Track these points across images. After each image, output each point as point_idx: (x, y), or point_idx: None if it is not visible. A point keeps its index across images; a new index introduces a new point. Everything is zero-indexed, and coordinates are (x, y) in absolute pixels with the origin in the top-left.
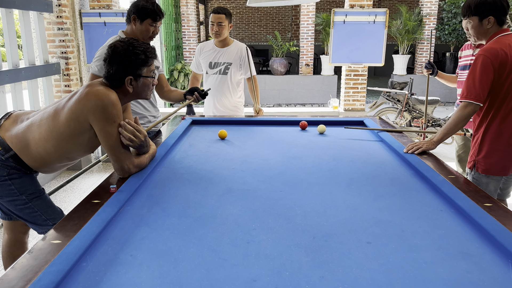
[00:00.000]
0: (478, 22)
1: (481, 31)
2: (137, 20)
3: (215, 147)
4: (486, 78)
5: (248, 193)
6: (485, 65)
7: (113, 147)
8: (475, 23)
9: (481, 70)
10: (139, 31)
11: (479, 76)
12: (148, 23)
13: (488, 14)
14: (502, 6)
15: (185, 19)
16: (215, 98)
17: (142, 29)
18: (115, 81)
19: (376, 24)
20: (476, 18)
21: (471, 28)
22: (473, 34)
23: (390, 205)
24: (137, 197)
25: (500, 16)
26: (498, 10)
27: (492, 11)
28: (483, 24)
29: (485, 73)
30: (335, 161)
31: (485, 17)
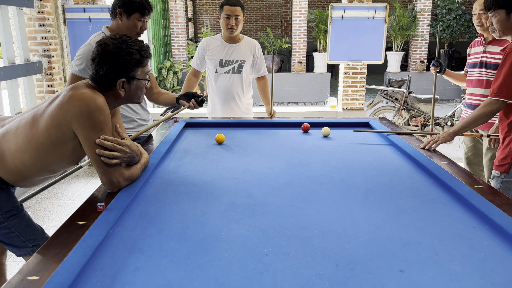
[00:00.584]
0: (506, 16)
1: (509, 25)
2: (124, 15)
3: (212, 153)
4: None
5: (254, 209)
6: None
7: (99, 158)
8: (502, 16)
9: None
10: (125, 27)
11: (509, 73)
12: (136, 18)
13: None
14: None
15: (174, 15)
16: (224, 100)
17: (129, 25)
18: (105, 83)
19: (375, 20)
20: (504, 11)
21: (497, 22)
22: (498, 29)
23: (416, 222)
24: (129, 215)
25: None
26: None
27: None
28: (511, 18)
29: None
30: (346, 169)
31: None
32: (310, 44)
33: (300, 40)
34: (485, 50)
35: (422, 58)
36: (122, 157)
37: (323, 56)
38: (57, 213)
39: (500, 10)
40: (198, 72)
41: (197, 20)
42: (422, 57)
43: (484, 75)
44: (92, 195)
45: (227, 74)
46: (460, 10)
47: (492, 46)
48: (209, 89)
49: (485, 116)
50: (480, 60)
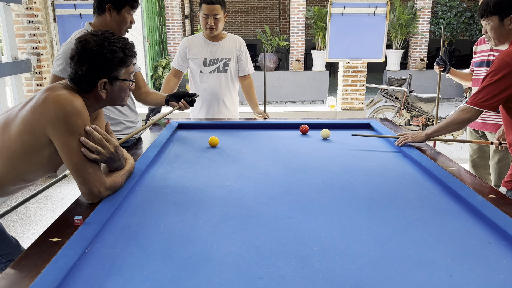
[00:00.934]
0: (499, 22)
1: (503, 32)
2: (113, 10)
3: (205, 157)
4: (501, 86)
5: (248, 221)
6: (503, 71)
7: (78, 166)
8: (495, 23)
9: (497, 76)
10: (115, 22)
11: (493, 82)
12: (126, 12)
13: (510, 12)
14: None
15: (169, 13)
16: (210, 102)
17: (120, 20)
18: (85, 84)
19: (376, 17)
20: (496, 17)
21: (491, 30)
22: (493, 37)
23: (426, 237)
24: (110, 229)
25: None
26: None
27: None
28: (505, 24)
29: (503, 81)
30: (347, 175)
31: (506, 16)
32: (308, 42)
33: (298, 37)
34: (492, 48)
35: (422, 56)
36: (104, 155)
37: (322, 54)
38: (45, 218)
39: (492, 17)
40: (179, 73)
41: (194, 18)
42: (422, 55)
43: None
44: (69, 208)
45: (213, 74)
46: (460, 7)
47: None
48: (193, 90)
49: (457, 123)
50: (487, 59)
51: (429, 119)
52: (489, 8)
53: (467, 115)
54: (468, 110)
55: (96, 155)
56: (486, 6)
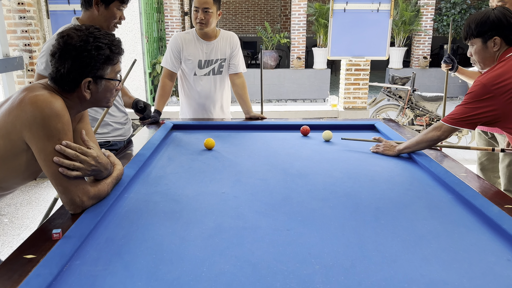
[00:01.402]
0: (482, 45)
1: (487, 55)
2: (101, 5)
3: (200, 160)
4: (477, 110)
5: (244, 234)
6: (481, 96)
7: (57, 174)
8: (479, 46)
9: (473, 99)
10: (103, 17)
11: (469, 104)
12: (115, 7)
13: (493, 34)
14: (509, 23)
15: (168, 9)
16: (204, 106)
17: (107, 15)
18: (67, 83)
19: (380, 13)
20: (479, 40)
21: (475, 53)
22: (478, 60)
23: (439, 253)
24: (92, 243)
25: (508, 35)
26: (504, 28)
27: (496, 30)
28: (489, 47)
29: (479, 105)
30: (351, 181)
31: (490, 38)
32: (309, 39)
33: (299, 35)
34: None
35: (425, 54)
36: (85, 170)
37: (323, 52)
38: (37, 221)
39: (475, 39)
40: (173, 74)
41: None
42: (425, 53)
43: None
44: (49, 219)
45: (207, 77)
46: (465, 4)
47: None
48: (184, 93)
49: (427, 141)
50: None
51: (433, 119)
52: (471, 30)
53: (437, 133)
54: (439, 127)
55: (77, 171)
56: (468, 28)
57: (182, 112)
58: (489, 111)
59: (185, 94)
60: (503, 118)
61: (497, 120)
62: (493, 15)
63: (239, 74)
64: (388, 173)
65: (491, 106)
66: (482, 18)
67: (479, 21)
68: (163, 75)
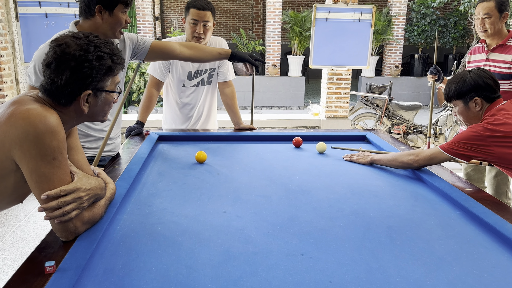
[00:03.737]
0: (464, 106)
1: (471, 115)
2: (105, 12)
3: (193, 175)
4: (472, 153)
5: (256, 260)
6: (475, 141)
7: (50, 197)
8: (461, 107)
9: (472, 140)
10: (109, 25)
11: (467, 142)
12: (119, 11)
13: (472, 95)
14: (486, 84)
15: (140, 13)
16: (192, 117)
17: (113, 21)
18: (64, 96)
19: (361, 23)
20: (461, 101)
21: (459, 114)
22: (463, 120)
23: (464, 277)
24: (89, 276)
25: (487, 94)
26: (482, 89)
27: (475, 92)
28: (470, 107)
29: (474, 149)
30: (356, 197)
31: (470, 100)
32: (284, 47)
33: (274, 42)
34: (488, 58)
35: (397, 63)
36: (80, 206)
37: (298, 59)
38: (5, 239)
39: (457, 101)
40: (160, 83)
41: (164, 19)
42: (397, 61)
43: None
44: (37, 249)
45: (196, 88)
46: (434, 15)
47: (495, 54)
48: (168, 103)
49: (400, 162)
50: None
51: (410, 127)
52: (452, 93)
53: (411, 159)
54: (417, 154)
55: (76, 209)
56: (449, 91)
57: (166, 122)
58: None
59: (169, 105)
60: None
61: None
62: (470, 77)
63: (228, 83)
64: (391, 188)
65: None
66: (460, 81)
67: (457, 85)
68: (149, 84)
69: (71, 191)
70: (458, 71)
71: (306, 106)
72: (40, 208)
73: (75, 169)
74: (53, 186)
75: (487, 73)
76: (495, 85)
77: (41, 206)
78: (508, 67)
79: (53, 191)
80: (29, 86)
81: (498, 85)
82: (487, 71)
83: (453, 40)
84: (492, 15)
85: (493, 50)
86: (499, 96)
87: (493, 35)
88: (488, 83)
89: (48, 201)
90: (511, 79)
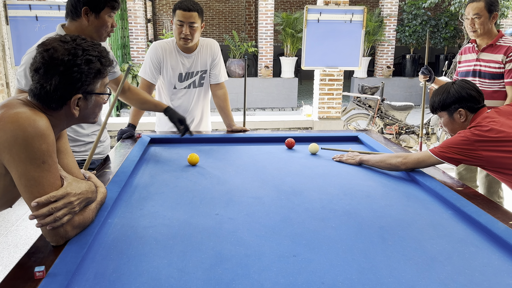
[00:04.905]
0: (449, 118)
1: (456, 126)
2: (91, 14)
3: (185, 178)
4: (460, 157)
5: (248, 263)
6: (464, 146)
7: None
8: (446, 118)
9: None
10: (94, 27)
11: (456, 147)
12: (106, 14)
13: (456, 107)
14: (470, 95)
15: (132, 16)
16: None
17: (99, 24)
18: (54, 101)
19: (352, 24)
20: (445, 113)
21: (445, 125)
22: (448, 130)
23: (456, 276)
24: (79, 280)
25: (471, 105)
26: (466, 100)
27: (459, 103)
28: (455, 119)
29: (463, 153)
30: (348, 198)
31: (454, 111)
32: (277, 48)
33: (266, 44)
34: (478, 58)
35: (389, 64)
36: (71, 210)
37: (291, 61)
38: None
39: (442, 113)
40: (151, 86)
41: (156, 21)
42: (389, 62)
43: (477, 85)
44: (27, 254)
45: (188, 90)
46: (425, 15)
47: (486, 54)
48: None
49: (388, 164)
50: (473, 69)
51: (402, 128)
52: (436, 104)
53: (399, 161)
54: (406, 157)
55: (68, 214)
56: (433, 103)
57: (159, 124)
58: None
59: None
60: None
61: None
62: (453, 89)
63: (220, 85)
64: (382, 188)
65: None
66: (443, 94)
67: (441, 96)
68: (140, 86)
69: (61, 197)
70: (450, 71)
71: (299, 107)
72: (31, 216)
73: (65, 173)
74: (43, 190)
75: (470, 84)
76: (479, 95)
77: (32, 213)
78: (498, 67)
79: (43, 198)
80: (18, 89)
81: (482, 95)
82: (470, 82)
83: (444, 41)
84: (482, 15)
85: (483, 50)
86: (483, 105)
87: (483, 35)
88: (472, 94)
89: (39, 208)
90: (501, 79)
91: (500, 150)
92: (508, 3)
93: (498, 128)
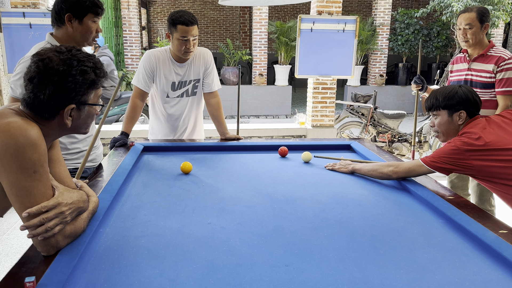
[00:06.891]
0: (448, 118)
1: (451, 127)
2: (74, 20)
3: (178, 186)
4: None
5: (240, 272)
6: (455, 156)
7: None
8: (444, 118)
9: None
10: (79, 33)
11: (447, 157)
12: (89, 20)
13: (460, 108)
14: (475, 100)
15: (127, 23)
16: (177, 128)
17: (83, 30)
18: (47, 110)
19: (345, 33)
20: (445, 112)
21: (439, 125)
22: (442, 131)
23: (447, 286)
24: None
25: (472, 110)
26: (471, 104)
27: (464, 105)
28: (454, 120)
29: (454, 163)
30: (340, 206)
31: (456, 111)
32: (270, 56)
33: (261, 52)
34: (469, 68)
35: (382, 72)
36: (63, 220)
37: (285, 69)
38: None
39: (442, 111)
40: (144, 94)
41: (151, 29)
42: (382, 70)
43: None
44: (18, 264)
45: (181, 99)
46: (418, 25)
47: (477, 63)
48: (155, 114)
49: (380, 173)
50: (464, 78)
51: (395, 136)
52: (438, 102)
53: (391, 170)
54: (395, 167)
55: (60, 224)
56: (435, 100)
57: (152, 132)
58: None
59: (155, 115)
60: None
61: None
62: (461, 91)
63: (214, 93)
64: (374, 197)
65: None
66: (450, 93)
67: (447, 95)
68: (133, 94)
69: (52, 207)
70: (442, 80)
71: (293, 115)
72: (23, 227)
73: (56, 183)
74: (34, 199)
75: (474, 91)
76: (480, 103)
77: (23, 224)
78: (489, 76)
79: (34, 208)
80: (11, 98)
81: (481, 104)
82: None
83: (436, 49)
84: (474, 26)
85: (475, 59)
86: (478, 113)
87: (474, 45)
88: (476, 100)
89: (30, 218)
90: (492, 88)
91: (489, 159)
92: (499, 13)
93: (487, 137)
